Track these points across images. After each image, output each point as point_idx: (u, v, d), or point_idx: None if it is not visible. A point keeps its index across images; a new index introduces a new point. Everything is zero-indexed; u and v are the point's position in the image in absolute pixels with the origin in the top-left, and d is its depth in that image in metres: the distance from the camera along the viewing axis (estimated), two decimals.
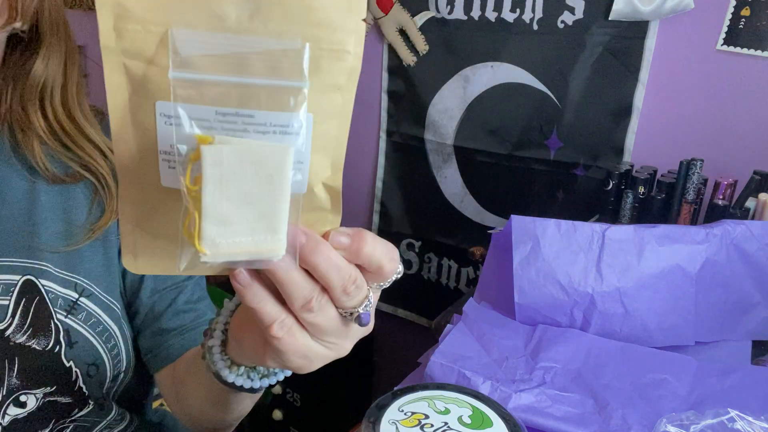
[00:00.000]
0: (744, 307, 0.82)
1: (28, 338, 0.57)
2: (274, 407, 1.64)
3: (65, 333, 0.59)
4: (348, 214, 1.81)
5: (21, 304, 0.57)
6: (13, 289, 0.57)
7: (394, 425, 0.56)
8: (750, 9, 1.06)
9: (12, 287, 0.57)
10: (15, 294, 0.57)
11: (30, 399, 0.58)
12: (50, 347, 0.58)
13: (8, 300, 0.56)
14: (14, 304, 0.57)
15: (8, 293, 0.57)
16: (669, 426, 0.56)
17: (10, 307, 0.56)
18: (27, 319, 0.57)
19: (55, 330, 0.58)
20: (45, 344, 0.58)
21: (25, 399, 0.57)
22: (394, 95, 1.57)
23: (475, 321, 0.86)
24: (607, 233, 0.82)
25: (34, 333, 0.57)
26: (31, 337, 0.57)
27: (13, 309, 0.57)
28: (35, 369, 0.57)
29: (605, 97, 1.27)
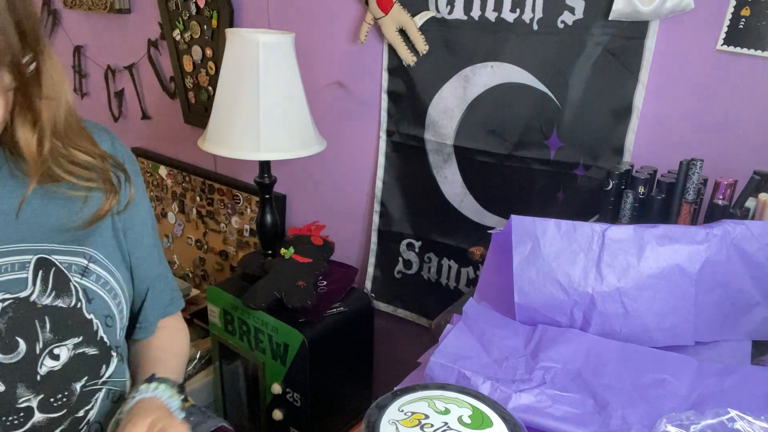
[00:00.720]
0: (744, 307, 0.82)
1: (53, 299, 0.67)
2: (274, 407, 1.64)
3: (83, 291, 0.69)
4: (348, 214, 1.82)
5: (39, 275, 0.66)
6: (28, 265, 0.66)
7: (394, 425, 0.56)
8: (750, 9, 1.06)
9: (27, 263, 0.66)
10: (32, 268, 0.66)
11: (62, 351, 0.67)
12: (73, 304, 0.68)
13: (26, 273, 0.65)
14: (33, 275, 0.66)
15: (24, 268, 0.65)
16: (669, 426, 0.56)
17: (29, 278, 0.65)
18: (48, 285, 0.67)
19: (74, 290, 0.68)
20: (69, 302, 0.68)
21: (58, 351, 0.67)
22: (394, 95, 1.57)
23: (475, 321, 0.86)
24: (607, 233, 0.82)
25: (58, 294, 0.67)
26: (56, 298, 0.67)
27: (32, 279, 0.66)
28: (64, 323, 0.67)
29: (605, 97, 1.27)
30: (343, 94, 1.69)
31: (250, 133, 1.42)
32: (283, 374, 1.58)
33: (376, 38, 1.54)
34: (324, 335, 1.54)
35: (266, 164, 1.59)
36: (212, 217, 2.19)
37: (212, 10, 1.85)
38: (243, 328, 1.65)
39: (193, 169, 2.20)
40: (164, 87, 2.18)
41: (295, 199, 1.95)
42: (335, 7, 1.60)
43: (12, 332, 0.64)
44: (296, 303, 1.46)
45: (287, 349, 1.54)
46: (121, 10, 2.15)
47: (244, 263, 1.72)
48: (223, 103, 1.47)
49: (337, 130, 1.72)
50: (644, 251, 0.81)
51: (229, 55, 1.45)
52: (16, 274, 0.65)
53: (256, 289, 1.52)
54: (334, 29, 1.63)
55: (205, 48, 1.94)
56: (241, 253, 2.12)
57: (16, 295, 0.64)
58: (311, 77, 1.69)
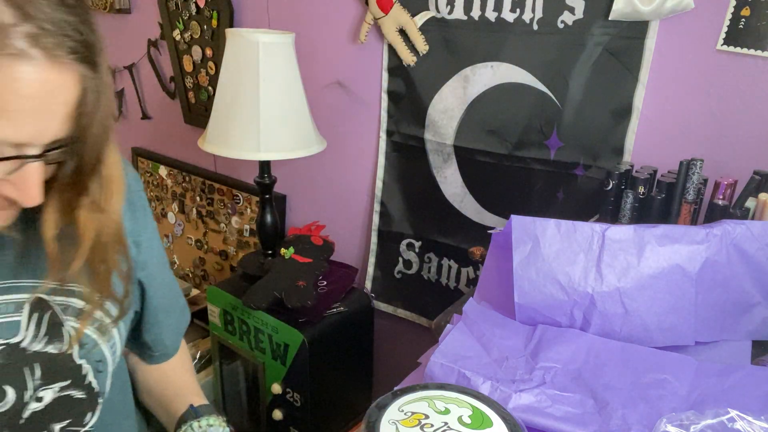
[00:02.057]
0: (744, 307, 0.82)
1: (45, 345, 0.63)
2: (274, 407, 1.64)
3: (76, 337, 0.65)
4: (348, 214, 1.82)
5: (33, 319, 0.63)
6: (24, 307, 0.62)
7: (394, 425, 0.56)
8: (750, 9, 1.06)
9: (23, 304, 0.62)
10: (26, 311, 0.62)
11: (47, 393, 0.64)
12: (65, 350, 0.65)
13: (20, 316, 0.62)
14: (27, 319, 0.62)
15: (20, 310, 0.62)
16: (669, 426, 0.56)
17: (22, 323, 0.62)
18: (41, 330, 0.63)
19: (67, 335, 0.65)
20: (60, 347, 0.64)
21: (42, 394, 0.64)
22: (394, 95, 1.58)
23: (475, 321, 0.86)
24: (607, 233, 0.82)
25: (50, 340, 0.64)
26: (47, 343, 0.64)
27: (26, 324, 0.62)
28: (53, 369, 0.64)
29: (605, 97, 1.27)
30: (343, 94, 1.69)
31: (250, 133, 1.42)
32: (283, 374, 1.58)
33: (376, 38, 1.54)
34: (324, 335, 1.54)
35: (266, 164, 1.59)
36: (212, 217, 2.20)
37: (212, 10, 1.85)
38: (243, 328, 1.65)
39: (193, 169, 2.20)
40: (164, 87, 2.18)
41: (295, 199, 1.95)
42: (335, 7, 1.60)
43: (1, 381, 0.61)
44: (296, 303, 1.46)
45: (287, 349, 1.54)
46: (121, 10, 2.15)
47: (244, 263, 1.72)
48: (223, 103, 1.47)
49: (337, 130, 1.72)
50: (644, 251, 0.81)
51: (229, 55, 1.45)
52: (11, 316, 0.61)
53: (256, 289, 1.52)
54: (334, 29, 1.63)
55: (205, 48, 1.94)
56: (241, 253, 2.12)
57: (8, 341, 0.61)
58: (311, 77, 1.69)
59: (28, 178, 0.51)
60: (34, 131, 0.49)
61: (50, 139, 0.51)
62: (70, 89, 0.49)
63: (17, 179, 0.51)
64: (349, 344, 1.67)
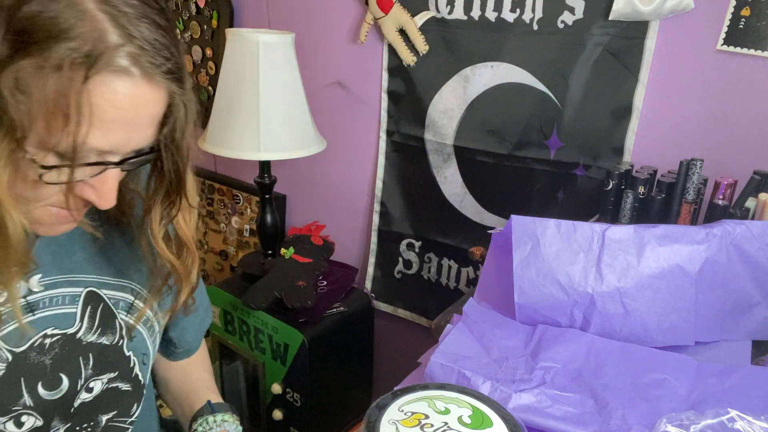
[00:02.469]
0: (744, 307, 0.82)
1: (98, 336, 0.67)
2: (274, 407, 1.64)
3: (127, 329, 0.70)
4: (348, 214, 1.82)
5: (87, 311, 0.66)
6: (78, 299, 0.66)
7: (394, 425, 0.56)
8: (750, 9, 1.06)
9: (77, 297, 0.66)
10: (81, 303, 0.66)
11: (97, 384, 0.68)
12: (116, 342, 0.69)
13: (75, 308, 0.65)
14: (81, 312, 0.66)
15: (75, 302, 0.66)
16: (669, 426, 0.56)
17: (77, 314, 0.66)
18: (95, 321, 0.67)
19: (119, 327, 0.69)
20: (112, 339, 0.68)
21: (93, 385, 0.67)
22: (394, 95, 1.57)
23: (475, 321, 0.86)
24: (607, 233, 0.82)
25: (103, 331, 0.68)
26: (101, 335, 0.67)
27: (80, 315, 0.66)
28: (104, 360, 0.68)
29: (605, 97, 1.27)
30: (343, 94, 1.69)
31: (250, 133, 1.42)
32: (283, 374, 1.58)
33: (376, 38, 1.54)
34: (324, 335, 1.54)
35: (266, 164, 1.59)
36: (212, 217, 2.20)
37: (212, 10, 1.85)
38: (243, 328, 1.65)
39: (194, 169, 2.19)
40: None
41: (295, 199, 1.95)
42: (335, 7, 1.60)
43: (57, 369, 0.64)
44: (296, 303, 1.46)
45: (287, 349, 1.54)
46: None
47: (244, 263, 1.72)
48: (223, 103, 1.47)
49: (337, 130, 1.72)
50: (644, 251, 0.81)
51: (229, 55, 1.45)
52: (66, 308, 0.65)
53: (256, 289, 1.52)
54: (334, 29, 1.63)
55: (205, 48, 1.94)
56: (241, 253, 2.12)
57: (64, 331, 0.65)
58: (311, 77, 1.69)
59: (106, 183, 0.55)
60: (120, 141, 0.53)
61: (132, 149, 0.55)
62: (158, 105, 0.54)
63: (97, 183, 0.55)
64: (349, 344, 1.67)
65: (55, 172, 0.51)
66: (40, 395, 0.63)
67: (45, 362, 0.63)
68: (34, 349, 0.62)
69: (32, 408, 0.62)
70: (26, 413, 0.62)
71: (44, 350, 0.63)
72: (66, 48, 0.47)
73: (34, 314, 0.63)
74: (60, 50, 0.47)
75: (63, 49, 0.47)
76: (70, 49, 0.47)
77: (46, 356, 0.63)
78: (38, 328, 0.63)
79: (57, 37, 0.47)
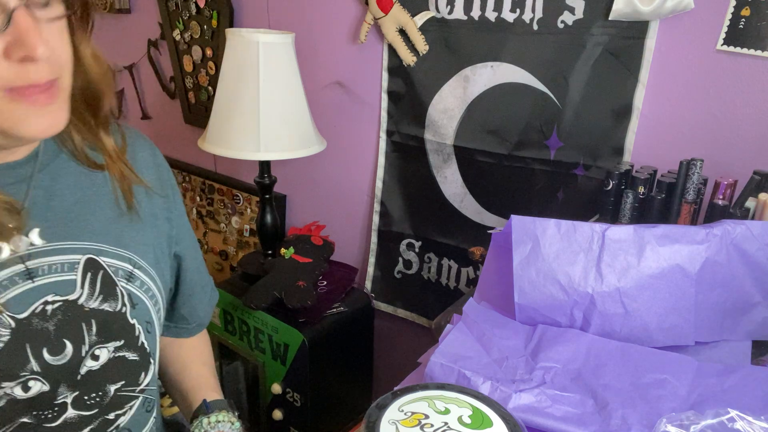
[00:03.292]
0: (744, 307, 0.82)
1: (100, 303, 0.68)
2: (274, 407, 1.64)
3: (128, 297, 0.70)
4: (348, 214, 1.82)
5: (87, 277, 0.67)
6: (77, 266, 0.66)
7: (394, 425, 0.56)
8: (750, 9, 1.06)
9: (76, 264, 0.66)
10: (80, 270, 0.66)
11: (103, 352, 0.68)
12: (119, 308, 0.69)
13: (75, 275, 0.66)
14: (81, 278, 0.66)
15: (73, 269, 0.66)
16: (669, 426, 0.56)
17: (78, 281, 0.66)
18: (96, 288, 0.67)
19: (120, 294, 0.69)
20: (115, 306, 0.69)
21: (99, 353, 0.67)
22: (394, 95, 1.58)
23: (475, 321, 0.86)
24: (607, 233, 0.82)
25: (105, 298, 0.68)
26: (103, 301, 0.68)
27: (81, 281, 0.66)
28: (109, 327, 0.68)
29: (605, 97, 1.27)
30: (343, 94, 1.69)
31: (250, 133, 1.42)
32: (283, 374, 1.58)
33: (376, 38, 1.54)
34: (324, 335, 1.54)
35: (266, 164, 1.59)
36: (212, 217, 2.20)
37: (212, 10, 1.86)
38: (243, 328, 1.65)
39: (193, 169, 2.20)
40: (164, 87, 2.18)
41: (295, 199, 1.95)
42: (335, 7, 1.60)
43: (60, 334, 0.64)
44: (296, 303, 1.46)
45: (287, 349, 1.54)
46: (121, 10, 2.15)
47: (244, 263, 1.72)
48: (223, 103, 1.47)
49: (337, 130, 1.72)
50: (644, 251, 0.81)
51: (229, 55, 1.45)
52: (65, 275, 0.65)
53: (256, 289, 1.52)
54: (334, 29, 1.63)
55: (205, 48, 1.94)
56: (241, 253, 2.12)
57: (66, 298, 0.65)
58: (311, 77, 1.69)
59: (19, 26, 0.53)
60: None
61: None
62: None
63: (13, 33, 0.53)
64: (349, 344, 1.67)
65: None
66: (46, 360, 0.63)
67: (48, 328, 0.63)
68: (36, 316, 0.63)
69: (39, 373, 0.63)
70: (33, 378, 0.63)
71: (46, 316, 0.63)
72: None
73: (33, 281, 0.63)
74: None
75: None
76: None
77: (49, 322, 0.64)
78: (38, 295, 0.63)
79: None
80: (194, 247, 0.87)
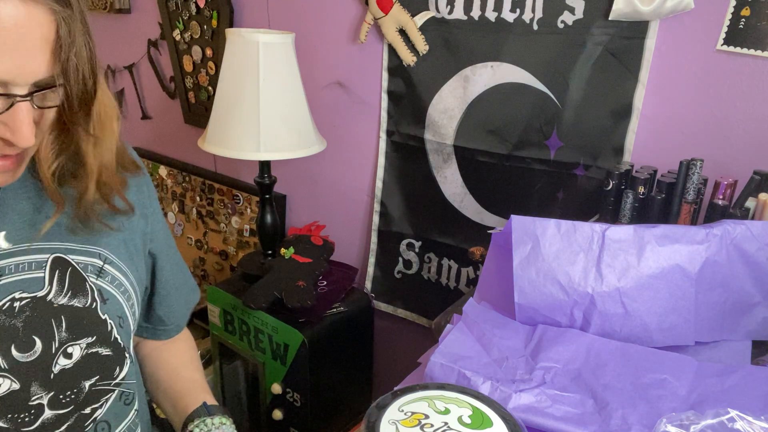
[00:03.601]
0: (744, 307, 0.82)
1: (69, 299, 0.67)
2: (274, 407, 1.64)
3: (98, 292, 0.70)
4: (348, 214, 1.82)
5: (56, 274, 0.67)
6: (45, 264, 0.66)
7: (394, 425, 0.56)
8: (750, 9, 1.06)
9: (44, 263, 0.66)
10: (48, 268, 0.66)
11: (75, 350, 0.67)
12: (89, 304, 0.69)
13: (43, 272, 0.66)
14: (49, 275, 0.66)
15: (41, 267, 0.66)
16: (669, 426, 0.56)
17: (46, 278, 0.66)
18: (64, 284, 0.67)
19: (90, 290, 0.69)
20: (84, 302, 0.68)
21: (71, 350, 0.67)
22: (394, 95, 1.58)
23: (475, 321, 0.86)
24: (607, 233, 0.82)
25: (74, 294, 0.68)
26: (72, 297, 0.67)
27: (48, 278, 0.66)
28: (79, 323, 0.68)
29: (605, 97, 1.27)
30: (343, 94, 1.69)
31: (250, 133, 1.42)
32: (283, 374, 1.58)
33: (376, 38, 1.54)
34: (324, 335, 1.54)
35: (266, 164, 1.59)
36: (212, 217, 2.20)
37: (212, 10, 1.86)
38: (243, 328, 1.65)
39: (193, 169, 2.20)
40: (164, 87, 2.18)
41: (295, 199, 1.95)
42: (335, 7, 1.60)
43: (29, 331, 0.64)
44: (296, 303, 1.46)
45: (287, 349, 1.54)
46: (121, 10, 2.15)
47: (244, 263, 1.72)
48: (223, 103, 1.47)
49: (337, 130, 1.72)
50: (644, 251, 0.81)
51: (229, 55, 1.45)
52: (33, 273, 0.65)
53: (256, 289, 1.52)
54: (334, 29, 1.63)
55: (205, 48, 1.94)
56: (241, 253, 2.12)
57: (34, 294, 0.65)
58: (311, 77, 1.69)
59: (17, 117, 0.53)
60: (13, 67, 0.51)
61: (34, 78, 0.53)
62: (44, 25, 0.52)
63: (8, 119, 0.53)
64: (349, 344, 1.67)
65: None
66: (14, 357, 0.63)
67: (16, 325, 0.63)
68: (4, 312, 0.63)
69: (7, 371, 0.62)
70: (1, 375, 0.62)
71: (14, 313, 0.63)
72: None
73: (0, 280, 0.63)
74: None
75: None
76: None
77: (17, 319, 0.63)
78: (5, 292, 0.63)
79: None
80: (169, 247, 0.86)
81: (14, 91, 0.52)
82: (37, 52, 0.52)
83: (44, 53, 0.53)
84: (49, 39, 0.53)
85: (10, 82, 0.52)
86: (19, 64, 0.51)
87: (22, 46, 0.51)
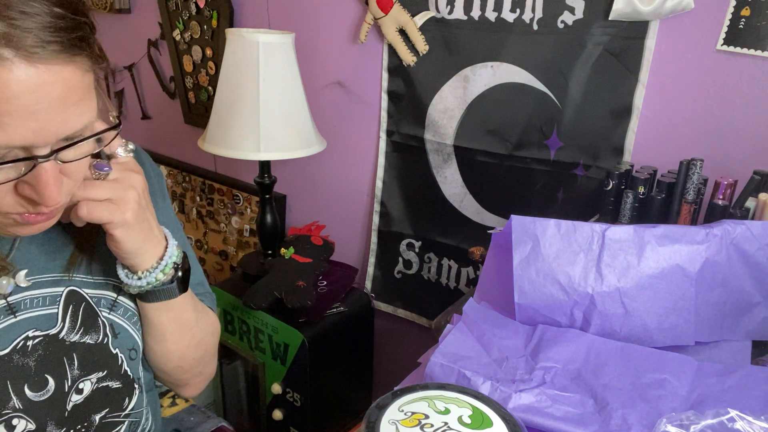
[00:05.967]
0: (744, 307, 0.82)
1: (81, 336, 0.66)
2: (274, 407, 1.64)
3: (110, 327, 0.69)
4: (348, 214, 1.82)
5: (69, 310, 0.66)
6: (59, 299, 0.65)
7: (394, 425, 0.56)
8: (750, 9, 1.06)
9: (58, 297, 0.65)
10: (62, 303, 0.65)
11: (86, 385, 0.67)
12: (100, 340, 0.68)
13: (56, 308, 0.65)
14: (62, 311, 0.65)
15: (55, 302, 0.65)
16: (669, 426, 0.56)
17: (59, 314, 0.65)
18: (77, 321, 0.66)
19: (102, 325, 0.68)
20: (96, 338, 0.68)
21: (82, 386, 0.66)
22: (394, 95, 1.58)
23: (475, 321, 0.86)
24: (607, 233, 0.82)
25: (86, 331, 0.67)
26: (84, 334, 0.67)
27: (62, 315, 0.65)
28: (90, 359, 0.67)
29: (605, 97, 1.27)
30: (343, 94, 1.69)
31: (250, 133, 1.42)
32: (283, 374, 1.58)
33: (376, 38, 1.54)
34: (324, 335, 1.54)
35: (266, 164, 1.59)
36: (212, 217, 2.20)
37: (212, 10, 1.86)
38: (243, 328, 1.65)
39: (193, 169, 2.20)
40: (164, 87, 2.18)
41: (295, 199, 1.95)
42: (335, 7, 1.60)
43: (41, 370, 0.63)
44: (296, 303, 1.46)
45: (287, 349, 1.54)
46: (121, 10, 2.15)
47: (244, 263, 1.72)
48: (223, 103, 1.47)
49: (337, 130, 1.72)
50: (644, 251, 0.81)
51: (229, 55, 1.45)
52: (47, 309, 0.64)
53: (256, 289, 1.52)
54: (334, 29, 1.63)
55: (205, 48, 1.94)
56: (241, 253, 2.12)
57: (47, 332, 0.64)
58: (311, 77, 1.69)
59: (41, 179, 0.51)
60: (29, 134, 0.48)
61: (55, 138, 0.50)
62: (59, 85, 0.48)
63: (32, 180, 0.51)
64: (349, 344, 1.67)
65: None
66: (28, 397, 0.62)
67: (29, 364, 0.62)
68: (17, 352, 0.62)
69: (22, 410, 0.62)
70: (17, 416, 0.61)
71: (27, 352, 0.62)
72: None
73: (16, 316, 0.62)
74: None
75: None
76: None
77: (30, 358, 0.62)
78: (20, 330, 0.62)
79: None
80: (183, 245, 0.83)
81: (36, 152, 0.49)
82: (58, 112, 0.49)
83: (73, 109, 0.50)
84: (70, 95, 0.49)
85: (30, 146, 0.49)
86: (39, 128, 0.48)
87: (35, 110, 0.47)
